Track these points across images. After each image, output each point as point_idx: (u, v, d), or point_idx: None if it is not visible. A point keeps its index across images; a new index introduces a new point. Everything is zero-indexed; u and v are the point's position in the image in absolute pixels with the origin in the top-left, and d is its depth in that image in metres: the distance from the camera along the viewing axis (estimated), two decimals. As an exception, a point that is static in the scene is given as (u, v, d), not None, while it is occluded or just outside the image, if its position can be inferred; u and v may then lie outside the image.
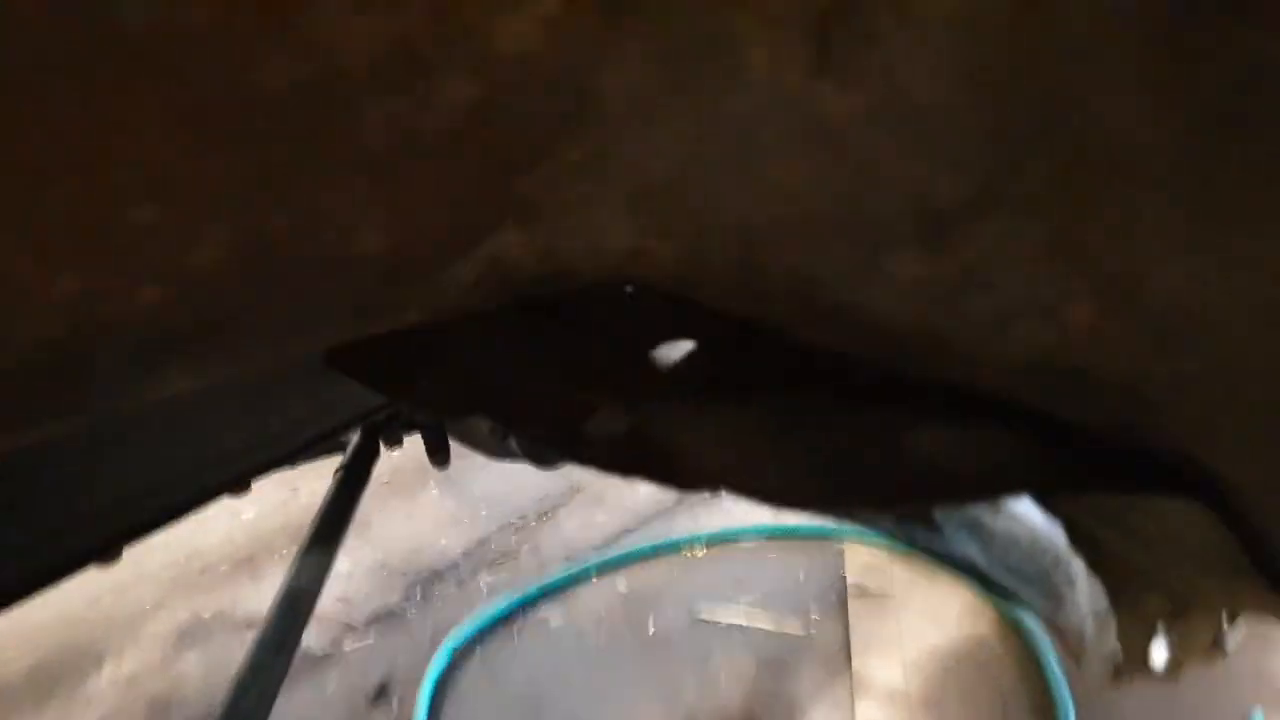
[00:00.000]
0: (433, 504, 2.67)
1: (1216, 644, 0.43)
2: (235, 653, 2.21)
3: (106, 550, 0.55)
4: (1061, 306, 0.23)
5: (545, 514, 2.61)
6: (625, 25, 0.21)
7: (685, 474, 0.37)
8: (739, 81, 0.22)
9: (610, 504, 2.50)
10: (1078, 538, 0.35)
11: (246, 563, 2.54)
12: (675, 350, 0.34)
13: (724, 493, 0.36)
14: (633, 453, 0.37)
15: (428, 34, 0.19)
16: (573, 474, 1.69)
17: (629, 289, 0.37)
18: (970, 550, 0.34)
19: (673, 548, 2.28)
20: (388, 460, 1.37)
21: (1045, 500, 0.35)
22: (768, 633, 1.97)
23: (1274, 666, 1.69)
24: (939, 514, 0.30)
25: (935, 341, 0.27)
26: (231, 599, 2.40)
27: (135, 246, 0.22)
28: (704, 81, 0.22)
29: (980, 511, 0.34)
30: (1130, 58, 0.16)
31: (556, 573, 2.24)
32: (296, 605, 0.78)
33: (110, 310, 0.23)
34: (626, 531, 2.42)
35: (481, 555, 2.45)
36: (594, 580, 2.20)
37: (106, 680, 2.11)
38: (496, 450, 1.27)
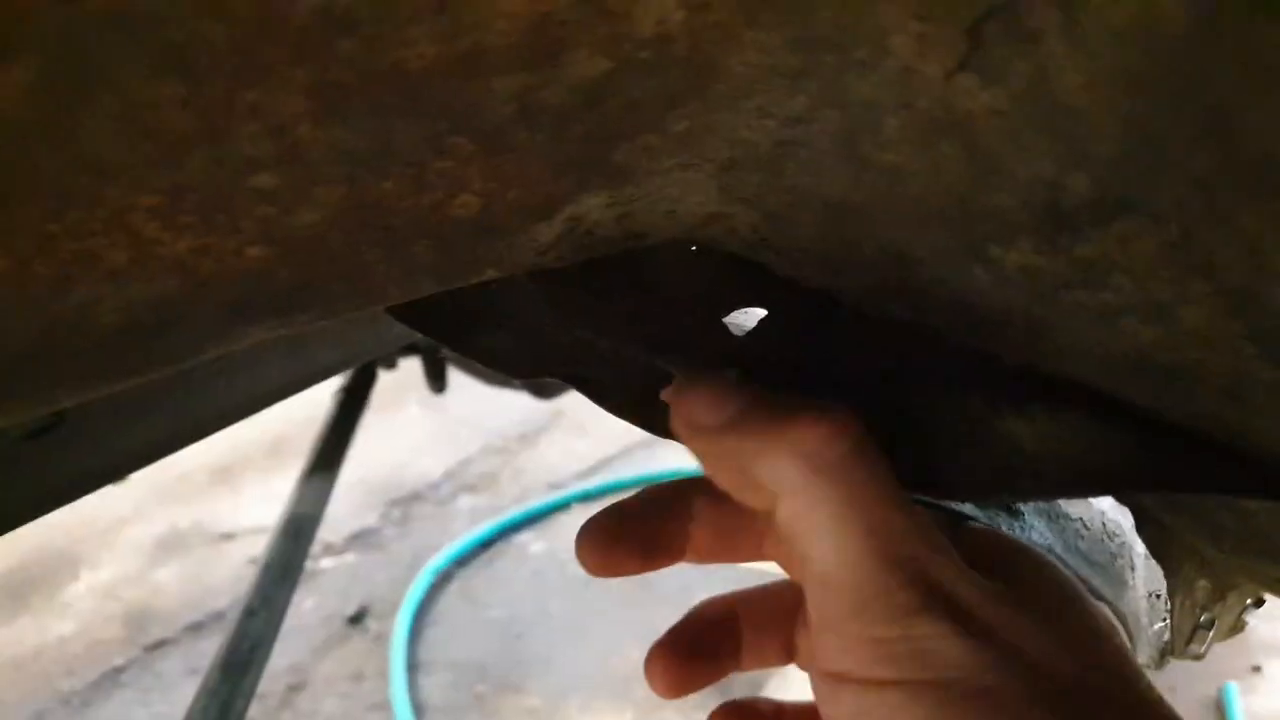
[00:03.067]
0: (413, 423, 2.67)
1: (1239, 621, 0.45)
2: (213, 565, 2.23)
3: (124, 472, 0.54)
4: (1174, 308, 0.23)
5: (527, 437, 2.61)
6: (766, 16, 0.20)
7: None
8: (872, 68, 0.22)
9: (593, 431, 2.50)
10: (1145, 523, 0.36)
11: (223, 474, 2.53)
12: (747, 317, 0.34)
13: None
14: None
15: (573, 16, 0.19)
16: (557, 399, 1.69)
17: (694, 248, 0.36)
18: (1046, 535, 0.35)
19: (657, 481, 2.29)
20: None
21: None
22: (749, 569, 2.00)
23: (1242, 644, 1.74)
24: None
25: (1035, 328, 0.27)
26: (209, 510, 2.40)
27: (249, 210, 0.21)
28: (834, 67, 0.22)
29: (1059, 497, 0.34)
30: None
31: (539, 500, 2.26)
32: (299, 531, 0.78)
33: (217, 268, 0.23)
34: (608, 459, 2.43)
35: (462, 477, 2.46)
36: (575, 509, 2.22)
37: (84, 588, 2.12)
38: (495, 377, 1.26)
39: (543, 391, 1.24)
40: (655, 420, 0.36)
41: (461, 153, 0.23)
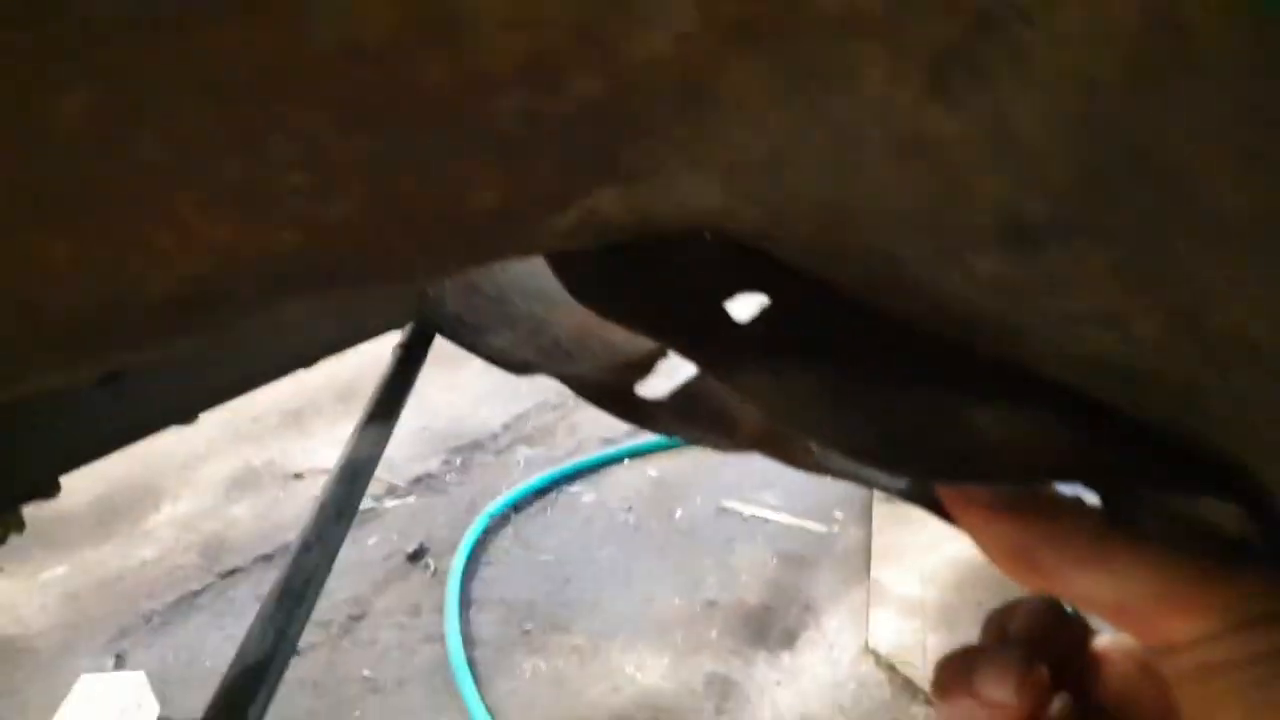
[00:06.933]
0: (475, 377, 2.73)
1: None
2: (283, 501, 2.33)
3: (188, 416, 0.59)
4: (1128, 320, 0.25)
5: (583, 395, 2.65)
6: (751, 46, 0.22)
7: (741, 431, 0.39)
8: (850, 94, 0.23)
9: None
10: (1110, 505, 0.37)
11: (294, 417, 2.63)
12: (748, 303, 0.36)
13: (771, 457, 0.38)
14: (692, 406, 0.39)
15: (567, 46, 0.21)
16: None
17: (705, 235, 0.38)
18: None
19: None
20: (435, 331, 1.41)
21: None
22: (789, 527, 2.03)
23: None
24: None
25: (1006, 329, 0.29)
26: (280, 450, 2.50)
27: (282, 203, 0.24)
28: (816, 91, 0.24)
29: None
30: (1231, 131, 0.18)
31: (592, 453, 2.30)
32: (355, 476, 0.83)
33: (253, 251, 0.25)
34: (661, 417, 2.46)
35: (519, 429, 2.52)
36: (626, 463, 2.26)
37: (164, 518, 2.23)
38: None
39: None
40: (632, 412, 0.39)
41: (474, 155, 0.25)
